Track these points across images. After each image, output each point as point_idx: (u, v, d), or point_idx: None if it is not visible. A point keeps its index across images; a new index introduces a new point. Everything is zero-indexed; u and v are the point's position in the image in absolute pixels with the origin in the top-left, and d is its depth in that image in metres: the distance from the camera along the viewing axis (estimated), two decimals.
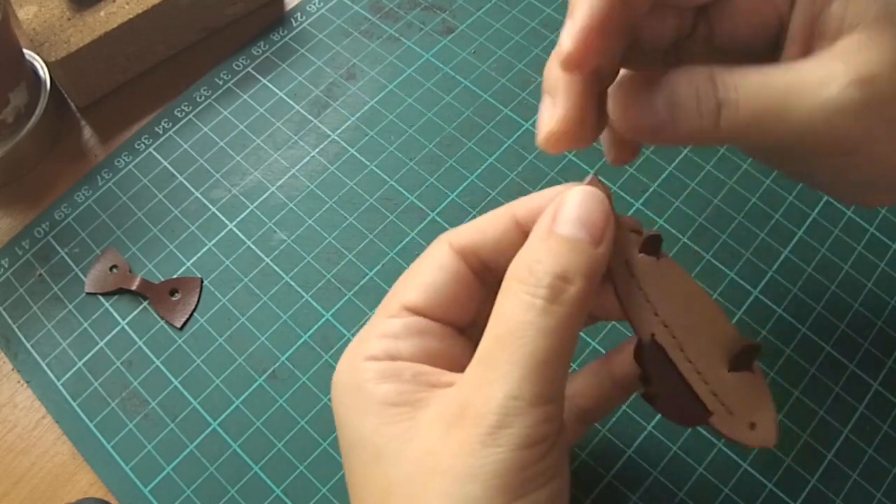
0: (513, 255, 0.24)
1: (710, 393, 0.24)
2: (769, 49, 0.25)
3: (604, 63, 0.24)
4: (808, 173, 0.27)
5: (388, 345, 0.24)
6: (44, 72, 0.43)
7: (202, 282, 0.38)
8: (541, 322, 0.21)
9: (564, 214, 0.23)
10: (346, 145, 0.42)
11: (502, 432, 0.21)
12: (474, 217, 0.33)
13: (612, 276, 0.24)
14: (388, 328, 0.25)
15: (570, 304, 0.22)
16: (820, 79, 0.22)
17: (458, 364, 0.24)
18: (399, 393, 0.23)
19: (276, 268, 0.39)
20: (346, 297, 0.38)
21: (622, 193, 0.39)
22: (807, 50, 0.24)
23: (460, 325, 0.26)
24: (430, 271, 0.25)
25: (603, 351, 0.35)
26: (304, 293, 0.38)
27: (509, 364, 0.21)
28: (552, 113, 0.24)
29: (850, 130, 0.22)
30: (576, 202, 0.23)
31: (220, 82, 0.45)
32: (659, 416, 0.34)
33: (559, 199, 0.23)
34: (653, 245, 0.25)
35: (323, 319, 0.37)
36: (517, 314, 0.22)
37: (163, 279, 0.39)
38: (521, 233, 0.25)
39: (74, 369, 0.37)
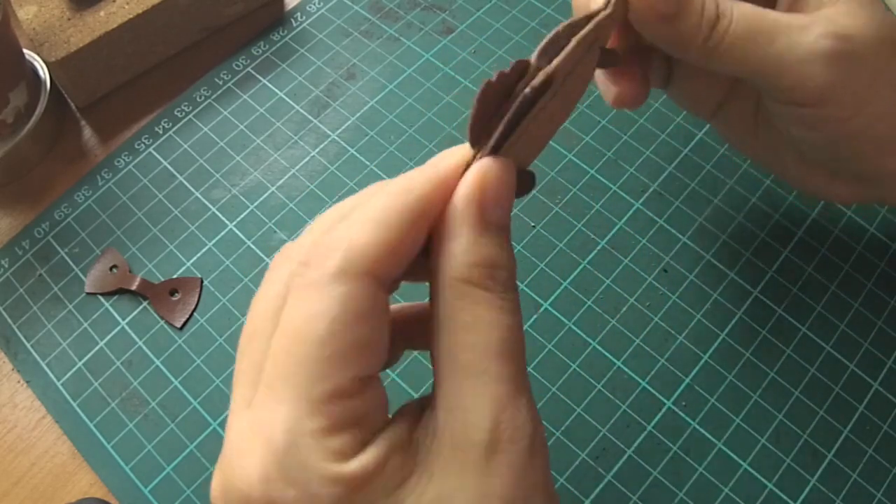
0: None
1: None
2: (766, 3, 0.28)
3: None
4: (780, 131, 0.30)
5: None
6: (44, 72, 0.43)
7: (202, 282, 0.38)
8: (510, 320, 0.21)
9: (490, 202, 0.21)
10: (346, 145, 0.42)
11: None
12: None
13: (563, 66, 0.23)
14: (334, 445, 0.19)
15: (515, 288, 0.21)
16: (802, 24, 0.26)
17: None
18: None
19: None
20: None
21: (622, 193, 0.39)
22: (794, 10, 0.28)
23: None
24: (359, 328, 0.20)
25: (603, 350, 0.35)
26: None
27: (497, 366, 0.20)
28: None
29: (819, 78, 0.25)
30: (495, 185, 0.22)
31: (220, 82, 0.45)
32: (660, 415, 0.34)
33: (475, 180, 0.22)
34: (608, 59, 0.27)
35: None
36: (494, 319, 0.20)
37: (163, 279, 0.39)
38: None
39: (74, 369, 0.37)
